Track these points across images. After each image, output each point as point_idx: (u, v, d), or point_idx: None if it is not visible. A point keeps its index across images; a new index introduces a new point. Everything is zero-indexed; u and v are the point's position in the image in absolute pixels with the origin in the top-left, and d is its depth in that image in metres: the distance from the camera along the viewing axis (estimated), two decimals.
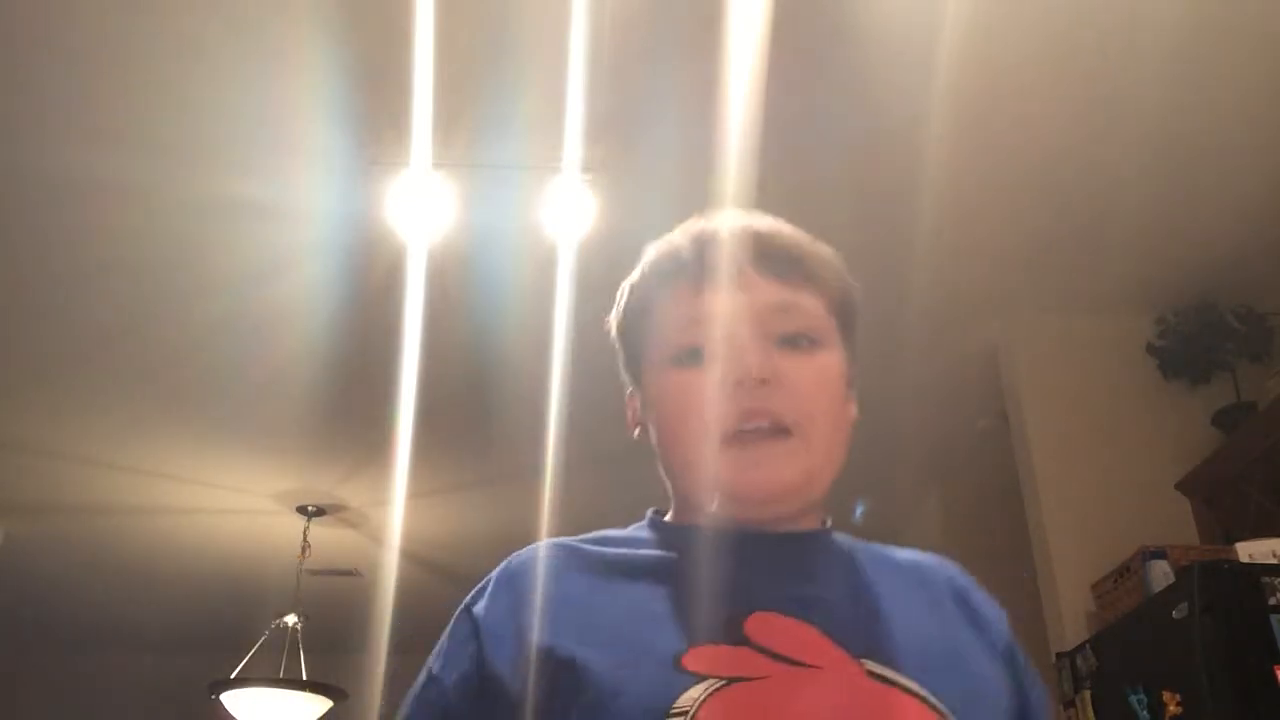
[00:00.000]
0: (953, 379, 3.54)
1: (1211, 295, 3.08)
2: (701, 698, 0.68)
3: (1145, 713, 2.20)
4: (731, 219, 0.86)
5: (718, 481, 0.78)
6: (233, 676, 4.42)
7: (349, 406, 3.79)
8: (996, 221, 2.88)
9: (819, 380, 0.82)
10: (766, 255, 0.83)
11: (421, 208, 2.74)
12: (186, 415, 3.87)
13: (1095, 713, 2.45)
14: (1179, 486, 2.94)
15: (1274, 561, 2.16)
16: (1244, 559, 2.20)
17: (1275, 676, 1.94)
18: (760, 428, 0.78)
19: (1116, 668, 2.38)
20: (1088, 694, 2.49)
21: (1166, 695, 2.13)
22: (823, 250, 0.88)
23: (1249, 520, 2.69)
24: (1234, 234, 2.91)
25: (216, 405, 3.80)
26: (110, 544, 5.01)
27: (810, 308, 0.83)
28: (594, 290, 3.01)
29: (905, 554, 0.89)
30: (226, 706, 4.39)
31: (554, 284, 2.94)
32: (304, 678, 4.48)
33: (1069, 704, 2.61)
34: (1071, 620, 2.83)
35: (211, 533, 4.87)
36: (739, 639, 0.73)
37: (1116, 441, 3.05)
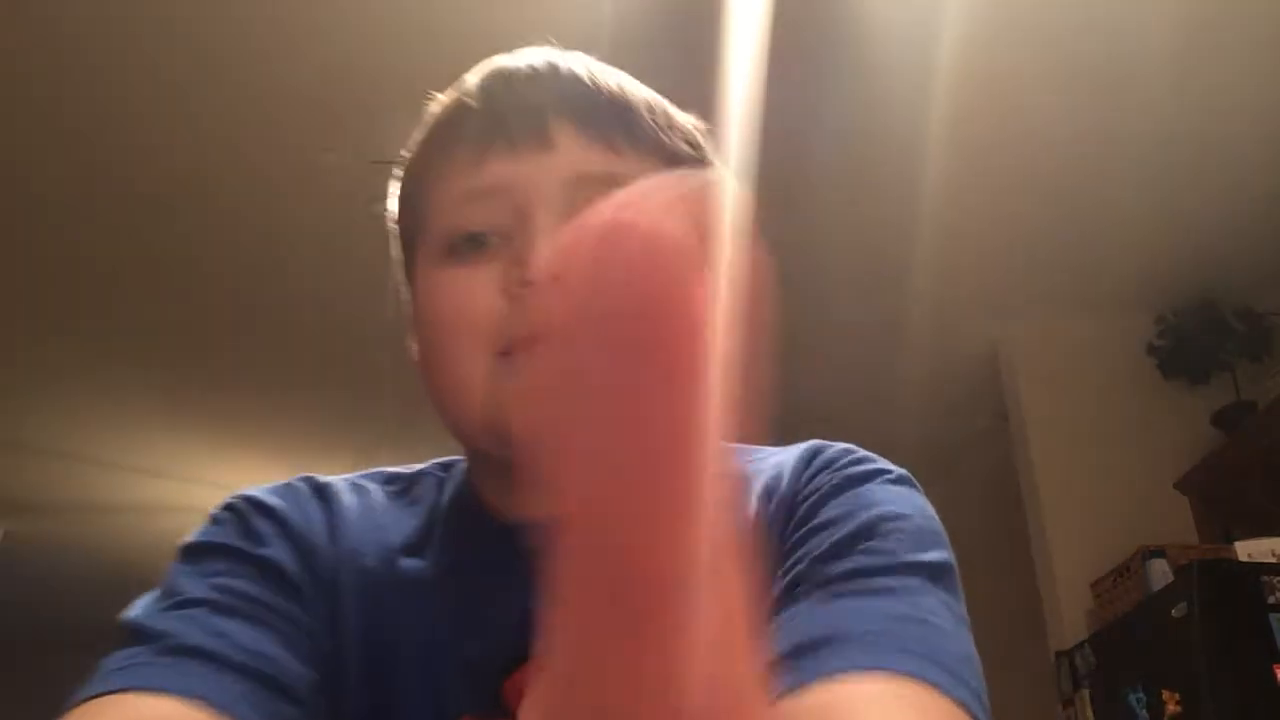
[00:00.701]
0: (952, 378, 3.54)
1: (1211, 295, 3.08)
2: None
3: (1144, 711, 2.20)
4: (535, 56, 0.62)
5: (485, 414, 0.55)
6: None
7: (354, 407, 3.79)
8: (996, 221, 2.88)
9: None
10: (579, 106, 0.59)
11: None
12: (189, 414, 3.88)
13: (1094, 711, 2.46)
14: (1178, 486, 2.94)
15: (1273, 560, 2.17)
16: (1243, 558, 2.21)
17: (1274, 675, 1.95)
18: None
19: (1115, 667, 2.38)
20: (1086, 693, 2.50)
21: (1165, 694, 2.14)
22: (657, 100, 0.64)
23: (1248, 519, 2.70)
24: (1234, 234, 2.91)
25: (219, 404, 3.80)
26: (111, 543, 5.01)
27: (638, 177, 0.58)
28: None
29: None
30: None
31: None
32: None
33: (1068, 702, 2.61)
34: (1071, 619, 2.83)
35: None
36: (500, 709, 0.55)
37: (1116, 441, 3.06)
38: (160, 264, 3.02)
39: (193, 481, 4.38)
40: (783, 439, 0.68)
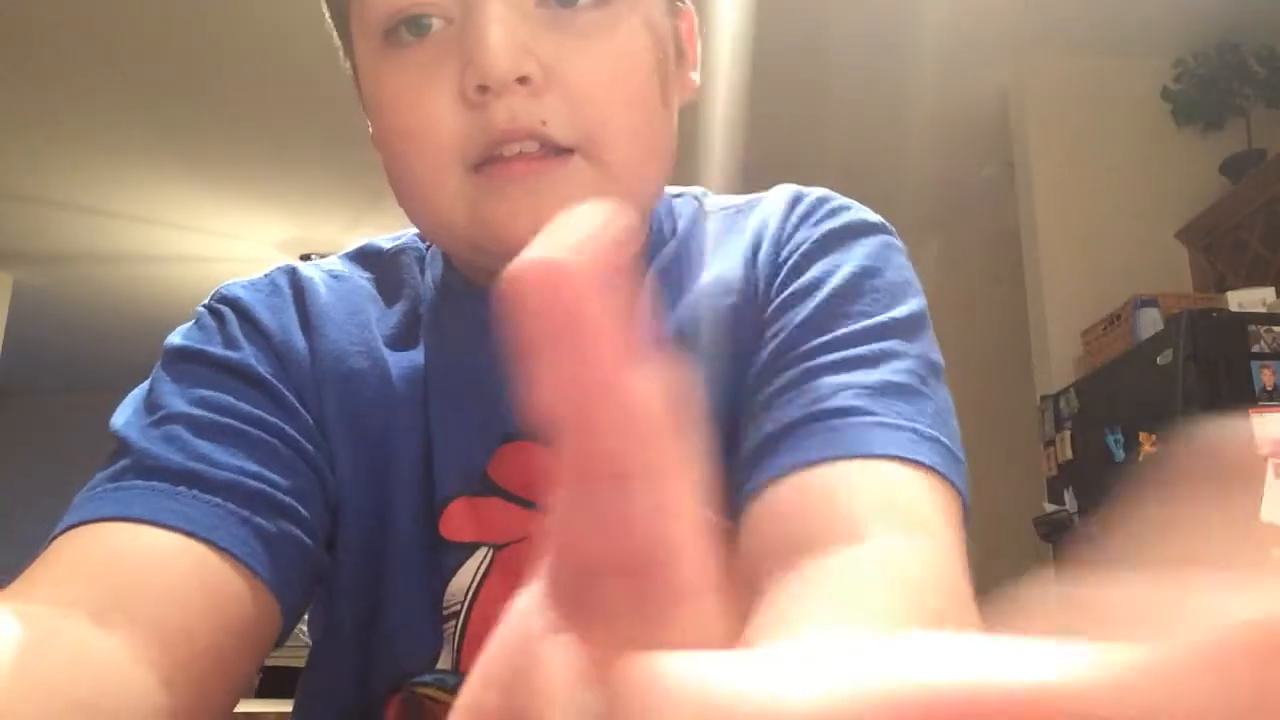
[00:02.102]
0: (960, 123, 3.46)
1: (1235, 35, 2.96)
2: (473, 585, 0.56)
3: (1120, 451, 2.31)
4: None
5: (469, 234, 0.53)
6: None
7: (348, 151, 3.74)
8: None
9: (614, 61, 0.52)
10: None
11: None
12: (184, 159, 3.83)
13: (1073, 451, 2.58)
14: (1179, 235, 2.95)
15: (1263, 310, 2.21)
16: (1234, 308, 2.25)
17: (1249, 419, 2.03)
18: (526, 151, 0.50)
19: (1097, 410, 2.47)
20: (1067, 434, 2.61)
21: (1143, 436, 2.24)
22: None
23: (1244, 269, 2.72)
24: None
25: (214, 149, 3.75)
26: (118, 291, 5.10)
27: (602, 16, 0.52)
28: None
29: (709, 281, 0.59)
30: None
31: None
32: None
33: (1049, 443, 2.74)
34: (1059, 365, 2.91)
35: (219, 281, 4.92)
36: (487, 487, 0.57)
37: (1122, 189, 3.03)
38: (168, 19, 2.89)
39: (194, 230, 4.39)
40: (799, 181, 0.68)
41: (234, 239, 4.45)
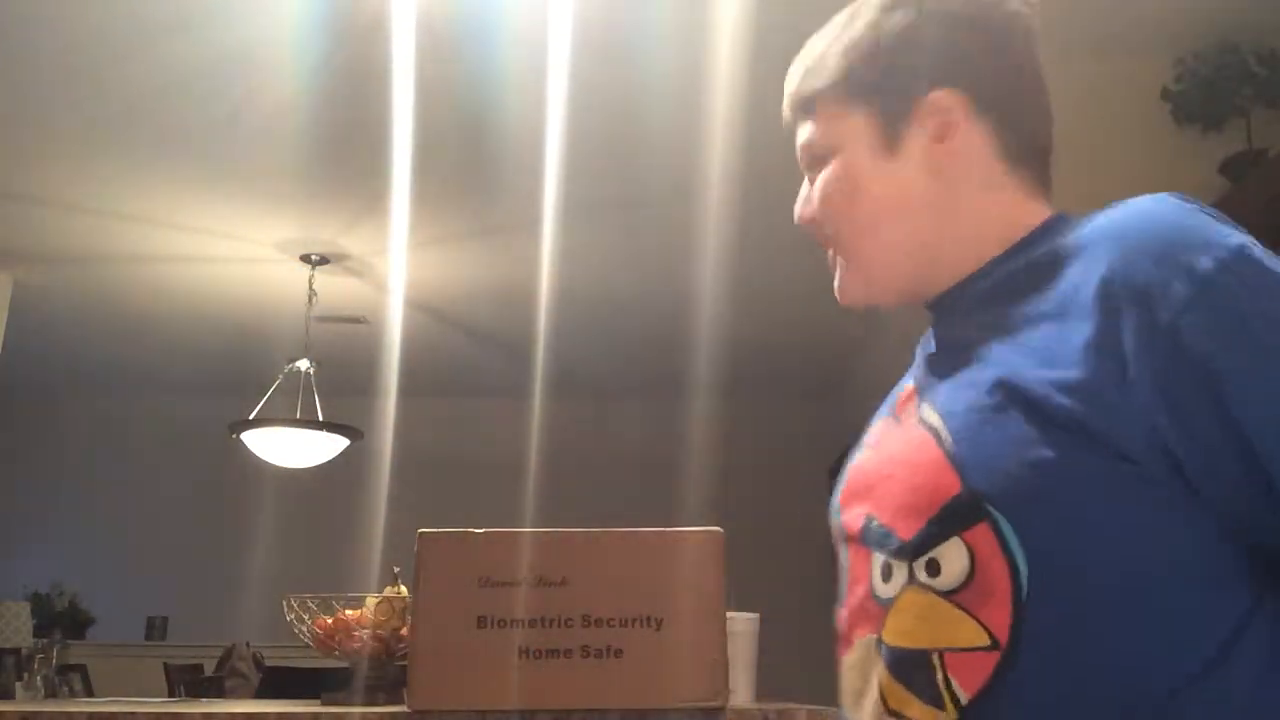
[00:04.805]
0: None
1: (1235, 36, 2.96)
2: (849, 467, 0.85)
3: None
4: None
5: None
6: (251, 417, 4.61)
7: (347, 154, 3.74)
8: None
9: (831, 186, 0.83)
10: (790, 108, 0.88)
11: None
12: (185, 161, 3.84)
13: None
14: None
15: None
16: None
17: None
18: (831, 255, 0.87)
19: None
20: None
21: None
22: (811, 55, 0.86)
23: None
24: None
25: (214, 151, 3.76)
26: (118, 292, 5.10)
27: (814, 129, 0.85)
28: (595, 23, 2.89)
29: (1079, 264, 0.73)
30: (248, 446, 4.61)
31: (549, 19, 2.82)
32: (319, 418, 4.68)
33: None
34: None
35: (218, 281, 4.94)
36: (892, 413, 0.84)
37: (1120, 189, 3.01)
38: (168, 19, 2.89)
39: (195, 230, 4.40)
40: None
41: (234, 239, 4.45)
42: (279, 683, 3.40)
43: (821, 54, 0.84)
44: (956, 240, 0.81)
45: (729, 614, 1.35)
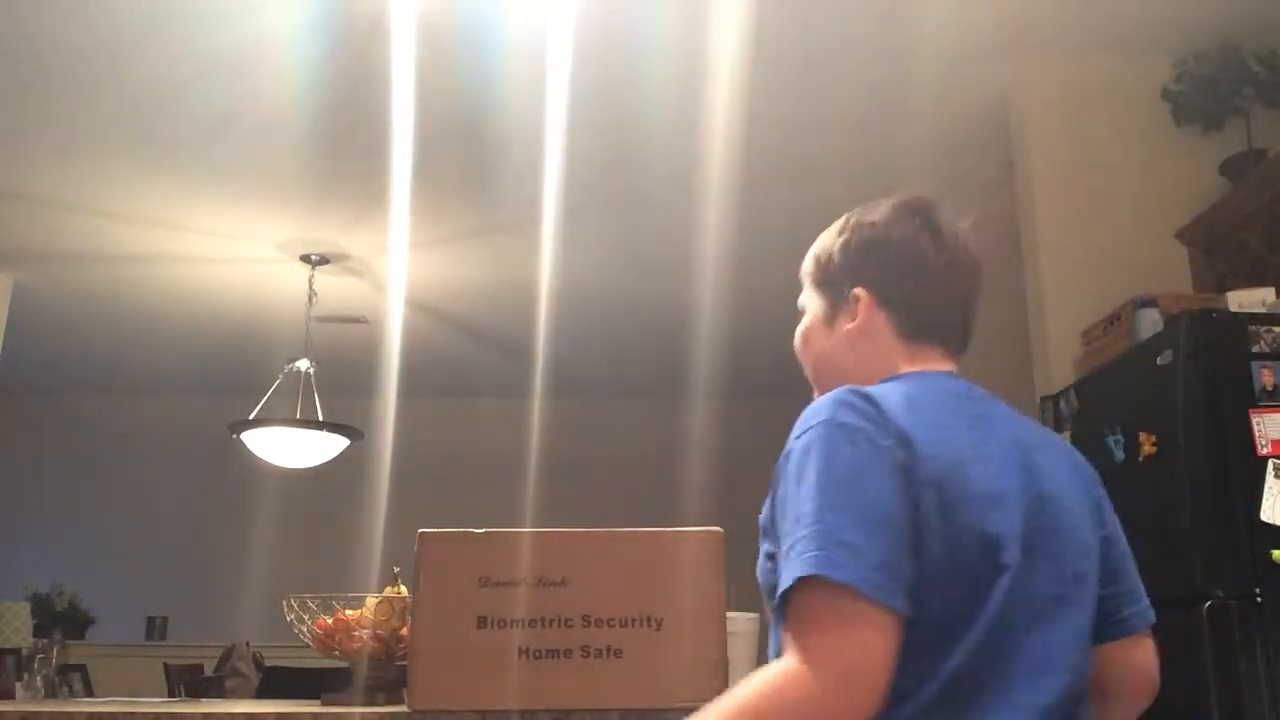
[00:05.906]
0: (961, 125, 3.46)
1: (1235, 37, 2.96)
2: None
3: (1120, 451, 2.31)
4: None
5: None
6: (251, 417, 4.61)
7: (347, 154, 3.74)
8: None
9: (798, 335, 1.20)
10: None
11: None
12: (185, 162, 3.83)
13: None
14: (1179, 235, 2.95)
15: (1263, 310, 2.20)
16: (1234, 308, 2.24)
17: (1249, 419, 2.03)
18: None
19: (1097, 410, 2.47)
20: (1067, 434, 2.61)
21: (1143, 436, 2.23)
22: (813, 248, 1.20)
23: (1245, 269, 2.72)
24: None
25: (213, 152, 3.75)
26: (118, 292, 5.09)
27: (802, 295, 1.20)
28: (595, 24, 2.89)
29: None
30: (248, 446, 4.61)
31: (549, 19, 2.82)
32: (319, 418, 4.67)
33: None
34: (1059, 366, 2.91)
35: (218, 281, 4.93)
36: None
37: (1121, 189, 3.03)
38: (169, 20, 2.89)
39: (196, 231, 4.39)
40: (791, 189, 0.68)
41: (234, 239, 4.45)
42: (279, 683, 3.40)
43: (813, 252, 1.20)
44: (864, 384, 1.09)
45: (729, 614, 1.35)
